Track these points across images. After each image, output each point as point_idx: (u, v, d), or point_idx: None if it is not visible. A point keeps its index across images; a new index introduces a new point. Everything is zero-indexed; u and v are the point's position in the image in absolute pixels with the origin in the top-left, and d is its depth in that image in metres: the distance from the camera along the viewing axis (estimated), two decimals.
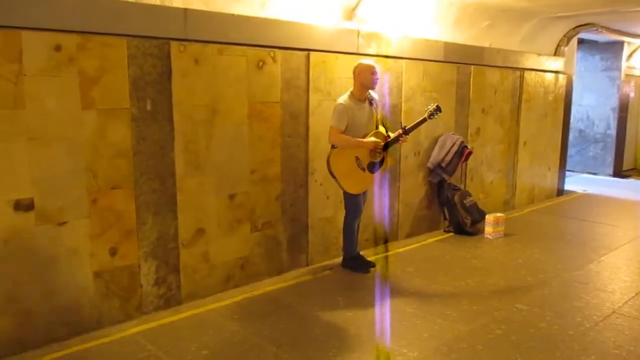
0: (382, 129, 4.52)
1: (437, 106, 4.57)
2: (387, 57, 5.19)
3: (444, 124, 6.04)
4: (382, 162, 4.48)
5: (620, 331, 3.56)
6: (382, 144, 4.40)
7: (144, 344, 3.31)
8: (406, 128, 4.49)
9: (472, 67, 6.28)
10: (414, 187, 5.82)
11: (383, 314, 3.80)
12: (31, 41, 3.14)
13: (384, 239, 5.47)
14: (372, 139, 4.35)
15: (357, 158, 4.36)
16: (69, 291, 3.43)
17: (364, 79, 4.32)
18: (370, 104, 4.45)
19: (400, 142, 4.48)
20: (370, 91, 4.45)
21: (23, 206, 3.21)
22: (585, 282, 4.49)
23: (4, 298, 3.19)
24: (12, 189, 3.16)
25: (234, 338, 3.40)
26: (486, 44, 6.42)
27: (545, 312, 3.83)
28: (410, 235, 5.81)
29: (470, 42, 6.18)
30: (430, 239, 5.72)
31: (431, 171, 5.88)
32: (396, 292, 4.19)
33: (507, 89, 6.93)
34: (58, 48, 3.24)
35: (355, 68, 4.37)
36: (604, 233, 6.11)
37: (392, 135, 4.49)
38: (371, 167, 4.44)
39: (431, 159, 5.83)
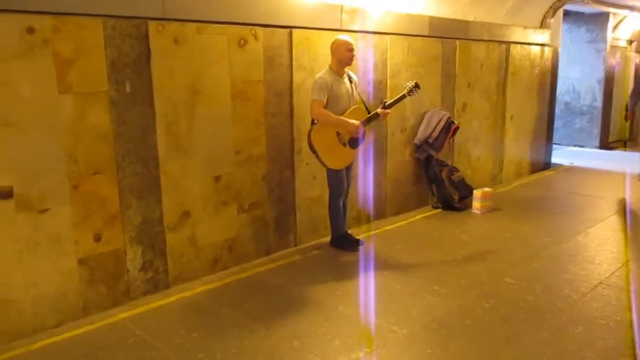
0: (362, 105, 4.49)
1: (416, 83, 4.57)
2: (371, 32, 5.11)
3: (430, 100, 6.00)
4: (362, 137, 4.44)
5: (607, 302, 3.59)
6: (363, 128, 4.36)
7: (132, 329, 3.29)
8: (386, 103, 4.46)
9: (458, 41, 6.22)
10: (401, 164, 5.79)
11: (371, 292, 3.79)
12: (3, 23, 3.03)
13: (371, 217, 5.46)
14: (354, 121, 4.30)
15: (338, 133, 4.33)
16: (53, 279, 3.38)
17: (340, 54, 4.27)
18: (350, 81, 4.40)
19: (380, 117, 4.44)
20: (349, 71, 4.43)
21: (2, 194, 3.13)
22: (572, 254, 4.52)
23: None
24: None
25: (223, 320, 3.38)
26: (471, 18, 6.35)
27: (533, 285, 3.85)
28: (398, 212, 5.80)
29: (455, 16, 6.11)
30: (419, 216, 5.72)
31: (418, 147, 5.85)
32: (384, 269, 4.19)
33: (493, 63, 6.88)
34: (31, 30, 3.13)
35: (332, 44, 4.32)
36: (591, 205, 6.14)
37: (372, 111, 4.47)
38: (352, 143, 4.40)
39: (418, 136, 5.80)
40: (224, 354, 2.97)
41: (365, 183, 5.31)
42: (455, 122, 5.94)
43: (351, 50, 4.27)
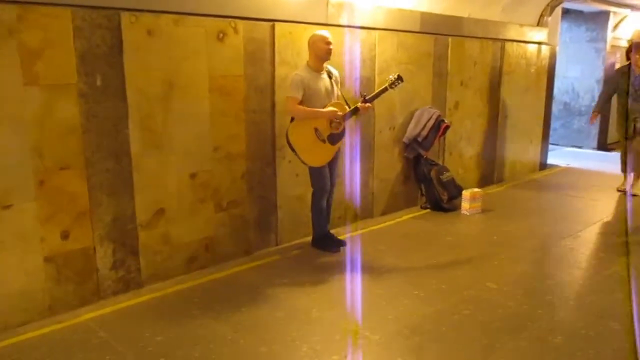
0: (342, 101, 4.37)
1: (399, 75, 4.42)
2: (359, 27, 4.98)
3: (421, 97, 5.87)
4: (343, 133, 4.32)
5: (591, 310, 3.47)
6: (341, 113, 4.23)
7: (96, 330, 3.18)
8: (366, 97, 4.33)
9: (450, 38, 6.08)
10: (390, 163, 5.67)
11: (349, 295, 3.68)
12: None
13: (357, 217, 5.35)
14: (330, 108, 4.19)
15: (316, 129, 4.21)
16: (18, 277, 3.27)
17: (317, 49, 4.16)
18: (329, 77, 4.28)
19: (361, 111, 4.31)
20: (329, 66, 4.32)
21: None
22: (559, 258, 4.40)
23: None
24: None
25: (191, 323, 3.27)
26: (465, 14, 6.20)
27: (515, 291, 3.73)
28: (385, 212, 5.68)
29: (448, 12, 5.96)
30: (406, 216, 5.60)
31: (407, 146, 5.72)
32: (365, 271, 4.07)
33: (487, 61, 6.74)
34: None
35: (310, 39, 4.21)
36: (583, 208, 6.01)
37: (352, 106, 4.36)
38: (332, 139, 4.28)
39: (407, 134, 5.67)
40: (187, 359, 2.86)
41: (351, 182, 5.19)
42: (446, 121, 5.81)
43: (329, 44, 4.16)
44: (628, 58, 6.27)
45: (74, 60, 3.34)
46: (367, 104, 4.31)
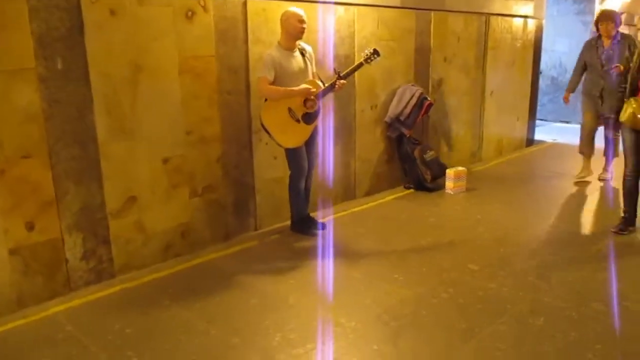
0: (317, 79, 4.24)
1: (375, 50, 4.28)
2: (335, 3, 4.81)
3: (403, 75, 5.73)
4: (318, 112, 4.19)
5: (574, 290, 3.40)
6: (315, 90, 4.10)
7: (64, 323, 3.08)
8: (341, 74, 4.19)
9: (433, 13, 5.92)
10: (371, 143, 5.55)
11: (326, 280, 3.60)
12: None
13: (339, 199, 5.25)
14: (303, 85, 4.05)
15: (290, 109, 4.08)
16: None
17: (290, 26, 4.01)
18: (303, 55, 4.14)
19: (336, 89, 4.18)
20: (303, 44, 4.17)
21: None
22: (543, 239, 4.32)
23: None
24: None
25: (163, 313, 3.17)
26: None
27: (497, 272, 3.66)
28: (369, 193, 5.58)
29: None
30: (389, 197, 5.51)
31: (389, 125, 5.60)
32: (344, 255, 3.98)
33: (472, 36, 6.59)
34: None
35: (282, 16, 4.05)
36: (569, 185, 5.93)
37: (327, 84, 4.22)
38: (307, 118, 4.15)
39: (389, 113, 5.54)
40: (155, 352, 2.77)
41: (332, 163, 5.07)
42: (429, 99, 5.68)
43: (302, 22, 4.01)
44: (598, 30, 5.64)
45: (30, 43, 3.17)
46: (342, 81, 4.17)
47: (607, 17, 5.43)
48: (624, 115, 4.06)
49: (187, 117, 3.97)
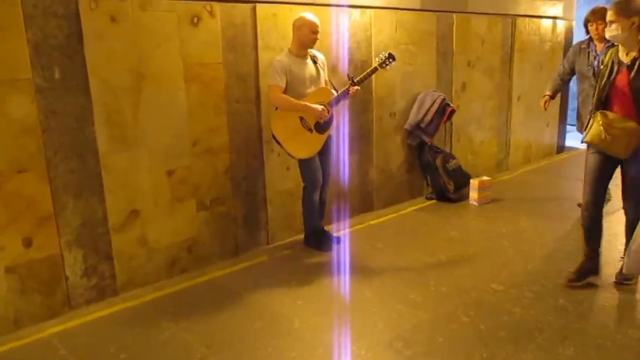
0: (329, 86, 4.04)
1: (390, 53, 4.07)
2: (350, 6, 4.60)
3: (424, 80, 5.47)
4: (331, 120, 3.98)
5: (609, 315, 3.10)
6: (327, 112, 3.89)
7: (57, 346, 2.92)
8: (355, 79, 3.98)
9: (455, 15, 5.65)
10: (391, 152, 5.30)
11: (336, 300, 3.36)
12: None
13: (357, 210, 5.02)
14: (317, 105, 3.83)
15: (301, 118, 3.89)
16: None
17: (303, 36, 3.83)
18: (314, 62, 3.94)
19: (350, 95, 3.96)
20: (314, 51, 3.99)
21: None
22: (573, 253, 4.00)
23: None
24: None
25: (160, 336, 2.99)
26: None
27: (523, 294, 3.37)
28: (388, 204, 5.32)
29: None
30: (410, 208, 5.24)
31: (409, 133, 5.34)
32: (358, 273, 3.74)
33: (497, 38, 6.29)
34: None
35: (295, 22, 3.86)
36: None
37: (339, 90, 4.02)
38: (319, 127, 3.94)
39: (409, 120, 5.29)
40: None
41: (348, 173, 4.85)
42: (451, 105, 5.40)
43: (315, 32, 3.83)
44: (588, 32, 4.75)
45: (26, 52, 3.04)
46: (356, 87, 3.96)
47: (598, 16, 4.55)
48: (588, 134, 3.25)
49: (193, 127, 3.80)
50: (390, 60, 4.05)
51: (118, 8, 3.34)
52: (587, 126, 3.32)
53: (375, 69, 4.06)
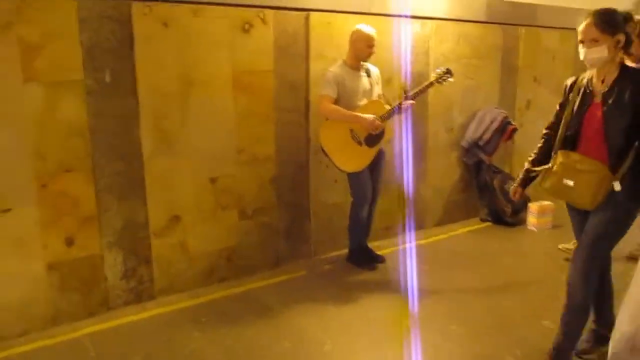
0: (382, 100, 3.91)
1: (448, 69, 3.90)
2: (410, 17, 4.43)
3: (486, 96, 5.21)
4: (382, 134, 3.83)
5: None
6: (381, 120, 3.74)
7: (88, 348, 2.93)
8: (409, 93, 3.83)
9: (523, 29, 5.35)
10: (446, 169, 5.07)
11: (372, 325, 3.18)
12: None
13: (406, 228, 4.82)
14: (368, 115, 3.69)
15: (351, 130, 3.77)
16: (19, 285, 3.09)
17: (358, 49, 3.74)
18: (368, 75, 3.81)
19: (402, 109, 3.81)
20: (369, 65, 3.87)
21: None
22: None
23: None
24: None
25: (187, 348, 2.93)
26: (540, 1, 5.44)
27: None
28: (440, 223, 5.09)
29: None
30: (463, 229, 4.99)
31: (466, 150, 5.09)
32: (398, 296, 3.56)
33: (569, 54, 5.90)
34: None
35: (352, 34, 3.76)
36: None
37: (392, 104, 3.88)
38: (370, 141, 3.80)
39: (466, 137, 5.05)
40: None
41: (400, 189, 4.66)
42: (513, 123, 5.11)
43: (371, 46, 3.73)
44: None
45: (79, 55, 3.10)
46: (410, 101, 3.80)
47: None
48: (547, 180, 2.60)
49: (239, 135, 3.76)
50: (448, 75, 3.87)
51: (171, 13, 3.35)
52: (546, 170, 2.62)
53: (431, 84, 3.89)
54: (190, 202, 3.63)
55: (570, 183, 2.47)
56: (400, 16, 4.33)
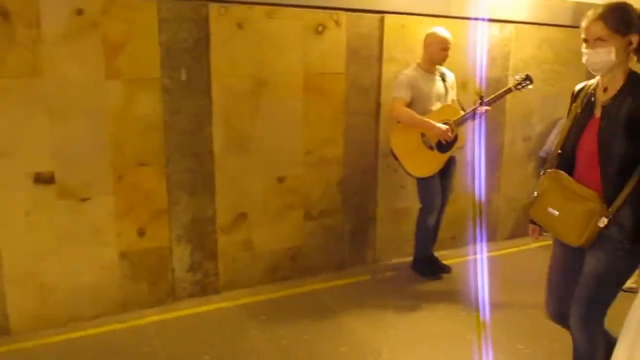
0: (457, 105, 3.80)
1: (527, 75, 3.72)
2: (489, 20, 4.27)
3: (567, 104, 4.89)
4: (455, 140, 3.71)
5: None
6: (454, 125, 3.63)
7: (152, 336, 3.04)
8: (485, 99, 3.69)
9: None
10: (521, 179, 4.85)
11: (432, 337, 3.08)
12: (50, 4, 2.91)
13: (476, 239, 4.65)
14: (441, 125, 3.59)
15: (423, 135, 3.70)
16: (93, 270, 3.26)
17: (433, 52, 3.65)
18: (443, 80, 3.71)
19: (477, 115, 3.68)
20: (444, 69, 3.78)
21: (43, 179, 3.06)
22: None
23: (23, 271, 3.10)
24: (31, 161, 3.01)
25: (245, 344, 2.97)
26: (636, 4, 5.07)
27: None
28: (512, 236, 4.87)
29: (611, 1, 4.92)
30: (535, 244, 4.70)
31: (545, 161, 4.83)
32: (461, 308, 3.43)
33: None
34: (80, 12, 2.99)
35: (426, 37, 3.68)
36: None
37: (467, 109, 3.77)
38: (441, 146, 3.70)
39: (545, 147, 4.79)
40: None
41: (470, 198, 4.51)
42: None
43: (446, 49, 3.63)
44: None
45: (158, 54, 3.23)
46: (485, 107, 3.66)
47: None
48: (533, 205, 2.33)
49: (308, 136, 3.77)
50: (527, 82, 3.69)
51: (245, 15, 3.42)
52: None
53: (509, 90, 3.73)
54: (257, 200, 3.69)
55: (556, 213, 2.12)
56: (478, 19, 4.19)
